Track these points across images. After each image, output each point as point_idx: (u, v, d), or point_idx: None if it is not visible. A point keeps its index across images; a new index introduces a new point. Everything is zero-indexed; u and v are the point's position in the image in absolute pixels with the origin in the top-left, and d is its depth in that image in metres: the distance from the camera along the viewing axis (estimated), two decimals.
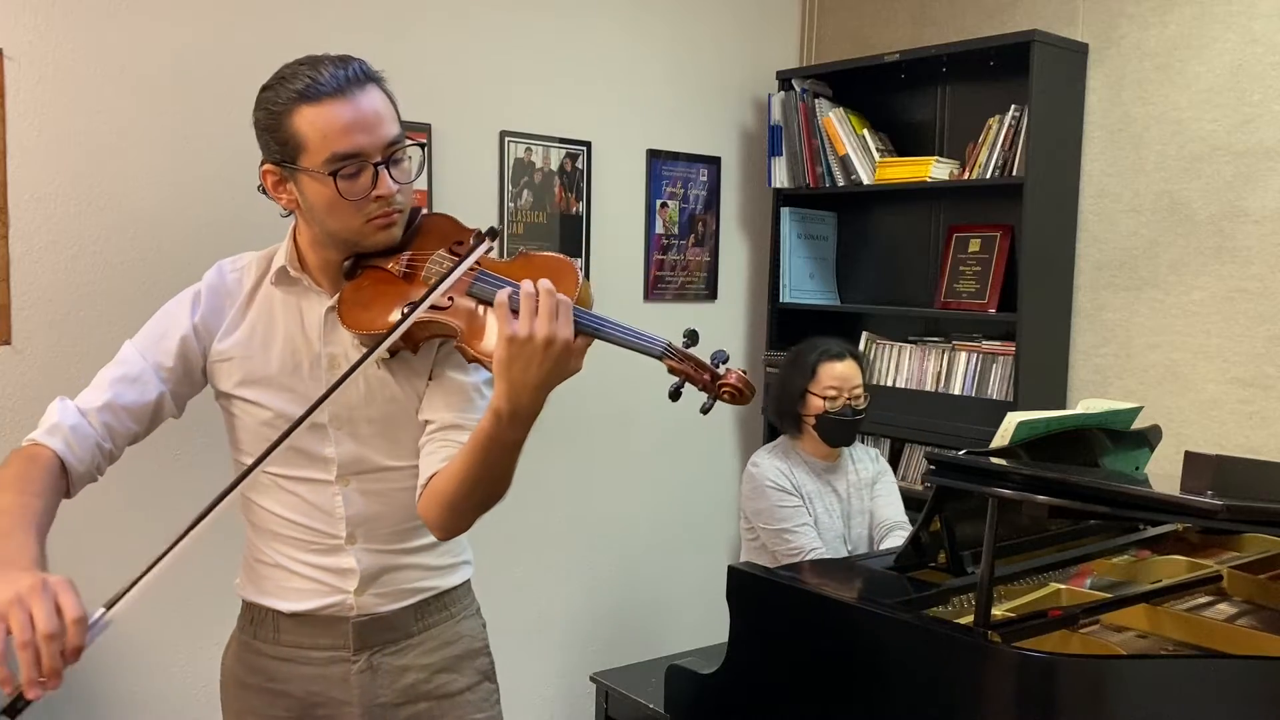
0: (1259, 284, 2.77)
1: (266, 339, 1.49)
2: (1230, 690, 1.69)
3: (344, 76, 1.35)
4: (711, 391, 1.29)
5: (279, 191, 1.44)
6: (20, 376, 2.42)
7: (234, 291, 1.51)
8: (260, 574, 1.57)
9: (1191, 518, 1.78)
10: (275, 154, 1.40)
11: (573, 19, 3.27)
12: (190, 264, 2.61)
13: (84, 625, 1.13)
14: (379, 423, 1.48)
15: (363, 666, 1.54)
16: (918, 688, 1.78)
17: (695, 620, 3.62)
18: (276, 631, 1.56)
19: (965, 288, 3.26)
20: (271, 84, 1.39)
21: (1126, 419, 2.27)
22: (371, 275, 1.45)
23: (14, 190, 2.40)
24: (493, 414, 1.25)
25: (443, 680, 1.59)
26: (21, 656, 1.09)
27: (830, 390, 2.63)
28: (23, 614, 1.09)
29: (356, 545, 1.52)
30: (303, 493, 1.50)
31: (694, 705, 2.23)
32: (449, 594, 1.62)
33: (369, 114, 1.36)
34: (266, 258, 1.54)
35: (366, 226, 1.41)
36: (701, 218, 3.64)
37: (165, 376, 1.47)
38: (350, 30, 2.82)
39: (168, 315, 1.51)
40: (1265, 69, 2.75)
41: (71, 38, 2.44)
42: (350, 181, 1.36)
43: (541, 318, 1.21)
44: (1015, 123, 3.07)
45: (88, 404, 1.43)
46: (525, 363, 1.21)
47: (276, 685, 1.56)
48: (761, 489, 2.64)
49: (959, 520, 2.08)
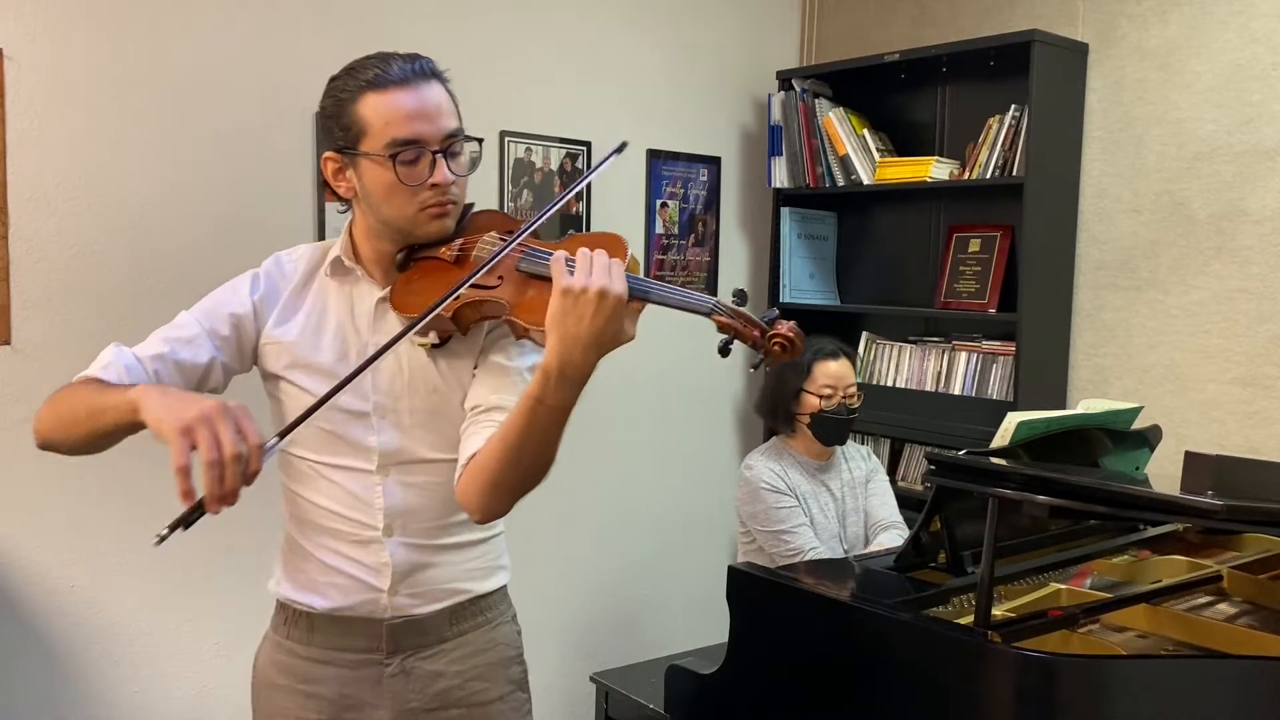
0: (1259, 284, 2.77)
1: (318, 326, 1.52)
2: (1230, 690, 1.69)
3: (410, 70, 1.42)
4: (762, 346, 1.29)
5: (338, 180, 1.48)
6: (20, 376, 2.42)
7: (289, 278, 1.55)
8: (296, 567, 1.57)
9: (1191, 518, 1.78)
10: (338, 140, 1.44)
11: (573, 19, 3.27)
12: (190, 264, 2.63)
13: (263, 450, 1.18)
14: (421, 413, 1.50)
15: (395, 670, 1.54)
16: (918, 688, 1.78)
17: (695, 620, 3.62)
18: (310, 632, 1.56)
19: (965, 288, 3.26)
20: (341, 74, 1.45)
21: (1126, 419, 2.27)
22: (423, 266, 1.48)
23: (14, 190, 2.40)
24: (541, 373, 1.26)
25: (475, 688, 1.58)
26: (209, 475, 1.14)
27: (825, 389, 2.64)
28: (209, 434, 1.15)
29: (393, 538, 1.52)
30: (343, 481, 1.51)
31: (694, 705, 2.23)
32: (484, 599, 1.61)
33: (431, 104, 1.42)
34: (321, 249, 1.58)
35: (421, 215, 1.44)
36: (701, 218, 3.64)
37: (219, 345, 1.50)
38: (350, 30, 2.83)
39: (228, 289, 1.55)
40: (1265, 69, 2.75)
41: (71, 38, 2.44)
42: (409, 167, 1.41)
43: (596, 272, 1.23)
44: (1015, 123, 3.07)
45: (142, 351, 1.46)
46: (579, 316, 1.22)
47: (309, 687, 1.55)
48: (756, 491, 2.64)
49: (959, 520, 2.08)
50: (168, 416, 1.20)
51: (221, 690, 2.74)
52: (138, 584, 2.61)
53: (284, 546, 1.62)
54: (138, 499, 2.60)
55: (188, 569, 2.67)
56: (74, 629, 2.54)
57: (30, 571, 2.48)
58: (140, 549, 2.61)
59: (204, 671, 2.72)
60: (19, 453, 2.41)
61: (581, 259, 1.24)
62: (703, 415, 3.73)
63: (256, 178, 2.72)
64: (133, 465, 2.58)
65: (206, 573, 2.71)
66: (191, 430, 1.16)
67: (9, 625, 2.46)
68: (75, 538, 2.53)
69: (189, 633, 2.69)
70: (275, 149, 2.75)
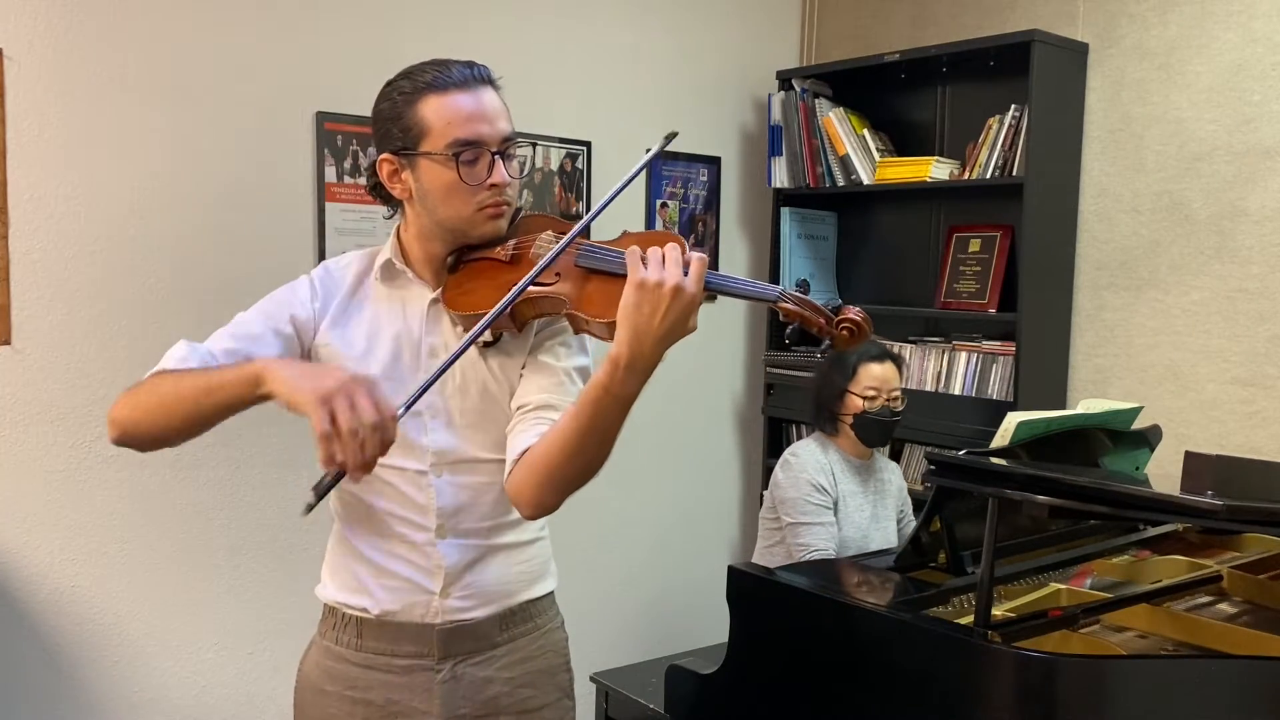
0: (1259, 284, 2.77)
1: (370, 330, 1.53)
2: (1230, 690, 1.69)
3: (469, 74, 1.46)
4: (828, 332, 1.31)
5: (394, 182, 1.49)
6: (20, 376, 2.42)
7: (340, 284, 1.57)
8: (347, 569, 1.57)
9: (1191, 518, 1.78)
10: (396, 142, 1.46)
11: (573, 19, 3.27)
12: (190, 264, 2.63)
13: (396, 420, 1.21)
14: (473, 413, 1.51)
15: (446, 676, 1.54)
16: (918, 688, 1.78)
17: (695, 620, 3.62)
18: (359, 637, 1.55)
19: (965, 288, 3.26)
20: (398, 78, 1.47)
21: (1126, 419, 2.27)
22: (475, 267, 1.50)
23: (14, 190, 2.40)
24: (610, 363, 1.27)
25: (524, 695, 1.59)
26: (348, 444, 1.17)
27: (870, 391, 2.66)
28: (346, 404, 1.17)
29: (446, 539, 1.52)
30: (396, 482, 1.52)
31: (694, 705, 2.23)
32: (534, 604, 1.62)
33: (490, 108, 1.46)
34: (370, 256, 1.59)
35: (477, 215, 1.47)
36: (702, 218, 3.64)
37: (283, 342, 1.52)
38: (350, 30, 2.83)
39: (286, 291, 1.56)
40: (1265, 69, 2.75)
41: (71, 38, 2.44)
42: (469, 167, 1.44)
43: (671, 267, 1.25)
44: (1015, 123, 3.07)
45: (212, 345, 1.47)
46: (652, 309, 1.25)
47: (356, 693, 1.55)
48: (797, 480, 2.66)
49: (959, 520, 2.08)
50: (305, 385, 1.22)
51: (221, 690, 2.74)
52: (138, 584, 2.61)
53: (333, 549, 1.62)
54: (138, 499, 2.60)
55: (188, 570, 2.67)
56: (74, 629, 2.54)
57: (30, 571, 2.48)
58: (140, 549, 2.61)
59: (203, 671, 2.72)
60: (19, 453, 2.41)
61: (654, 254, 1.27)
62: (703, 415, 3.73)
63: (257, 178, 2.72)
64: (133, 466, 2.59)
65: (207, 573, 2.71)
66: (330, 399, 1.18)
67: (9, 625, 2.46)
68: (75, 538, 2.53)
69: (189, 633, 2.69)
70: (276, 149, 2.75)
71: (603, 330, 1.35)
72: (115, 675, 2.60)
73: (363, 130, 2.87)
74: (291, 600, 2.80)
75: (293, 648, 2.86)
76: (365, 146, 2.88)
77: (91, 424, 2.50)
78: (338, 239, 2.85)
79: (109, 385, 2.52)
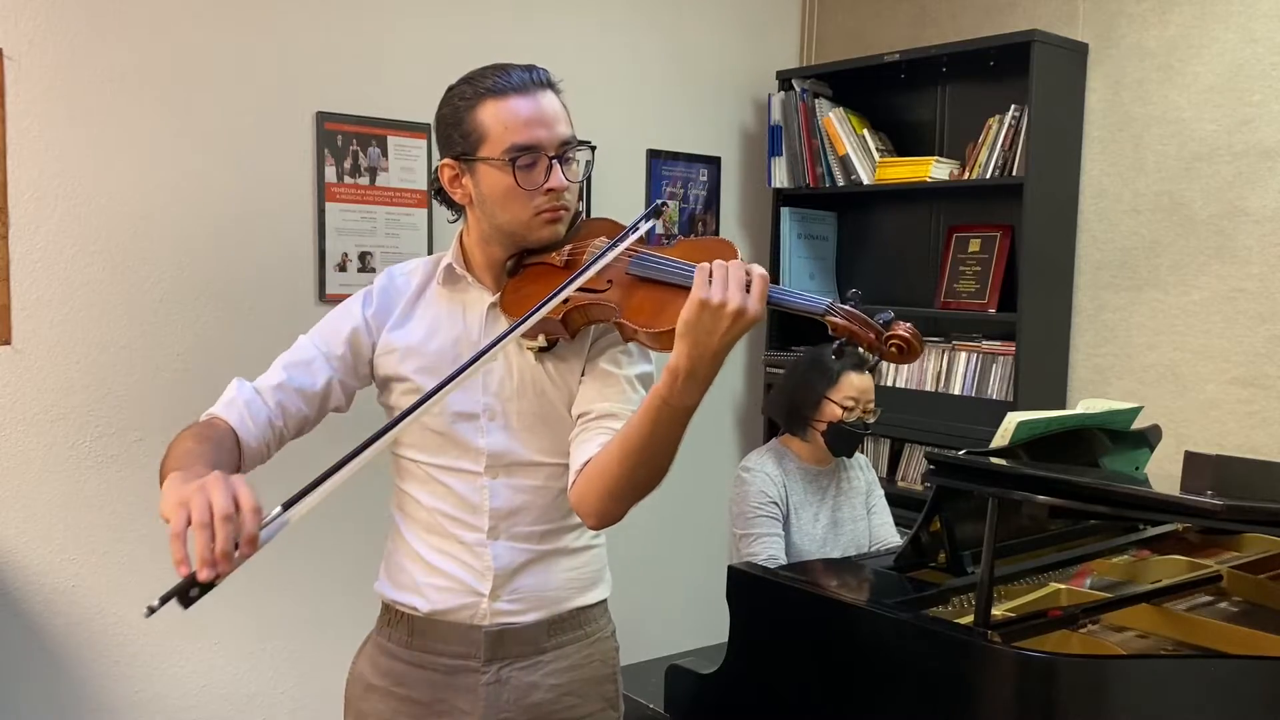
0: (1259, 284, 2.77)
1: (431, 332, 1.55)
2: (1230, 690, 1.69)
3: (528, 78, 1.46)
4: (878, 348, 1.28)
5: (454, 186, 1.51)
6: (20, 376, 2.42)
7: (402, 290, 1.58)
8: (400, 567, 1.58)
9: (1191, 518, 1.78)
10: (457, 147, 1.48)
11: (573, 19, 3.27)
12: (190, 264, 2.63)
13: (258, 514, 1.17)
14: (529, 416, 1.51)
15: (491, 679, 1.54)
16: (917, 688, 1.78)
17: (695, 620, 3.62)
18: (410, 635, 1.57)
19: (965, 288, 3.26)
20: (459, 83, 1.49)
21: (1126, 419, 2.27)
22: (533, 271, 1.50)
23: (14, 190, 2.40)
24: (669, 374, 1.27)
25: (568, 703, 1.58)
26: (198, 537, 1.13)
27: (849, 400, 2.62)
28: (202, 500, 1.15)
29: (498, 541, 1.53)
30: (451, 483, 1.53)
31: (694, 705, 2.23)
32: (584, 612, 1.61)
33: (548, 112, 1.46)
34: (433, 262, 1.61)
35: (535, 220, 1.47)
36: (701, 218, 3.64)
37: (335, 365, 1.53)
38: (350, 30, 2.83)
39: (342, 309, 1.58)
40: (1265, 69, 2.75)
41: (71, 38, 2.44)
42: (526, 172, 1.44)
43: (734, 288, 1.24)
44: (1015, 123, 3.07)
45: (263, 384, 1.49)
46: (712, 327, 1.24)
47: (402, 690, 1.56)
48: (747, 493, 2.63)
49: (959, 520, 2.08)
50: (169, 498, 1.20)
51: (221, 690, 2.74)
52: (138, 584, 2.61)
53: (390, 547, 1.63)
54: (138, 499, 2.60)
55: None
56: (74, 629, 2.54)
57: (31, 571, 2.48)
58: (140, 549, 2.61)
59: (204, 671, 2.72)
60: (20, 453, 2.41)
61: (719, 271, 1.25)
62: (703, 414, 3.71)
63: (257, 178, 2.72)
64: (133, 466, 2.59)
65: None
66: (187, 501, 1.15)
67: (10, 625, 2.46)
68: (75, 538, 2.53)
69: (189, 633, 2.68)
70: (276, 149, 2.75)
71: (650, 340, 1.34)
72: (115, 675, 2.60)
73: (362, 130, 2.87)
74: (292, 600, 2.80)
75: (293, 648, 2.88)
76: (365, 146, 2.88)
77: (92, 424, 2.51)
78: (337, 239, 2.85)
79: (109, 385, 2.52)
